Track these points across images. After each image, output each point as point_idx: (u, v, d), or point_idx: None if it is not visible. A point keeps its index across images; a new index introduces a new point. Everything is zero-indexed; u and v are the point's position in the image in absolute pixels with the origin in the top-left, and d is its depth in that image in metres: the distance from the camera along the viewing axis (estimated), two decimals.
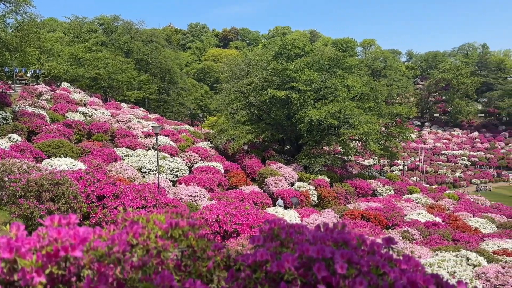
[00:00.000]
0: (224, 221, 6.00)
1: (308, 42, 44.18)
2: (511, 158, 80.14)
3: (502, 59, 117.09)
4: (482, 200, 34.57)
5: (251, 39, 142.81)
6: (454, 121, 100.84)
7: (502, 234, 20.38)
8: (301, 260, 1.45)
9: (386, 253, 1.76)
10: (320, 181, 28.48)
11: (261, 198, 20.31)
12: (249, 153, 32.37)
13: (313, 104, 33.25)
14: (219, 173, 24.53)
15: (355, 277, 1.38)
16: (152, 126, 19.23)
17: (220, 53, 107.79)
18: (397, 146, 40.17)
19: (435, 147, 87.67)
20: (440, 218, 21.98)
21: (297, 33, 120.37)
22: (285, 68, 33.34)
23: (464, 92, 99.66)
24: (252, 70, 39.03)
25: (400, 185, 34.52)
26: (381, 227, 18.57)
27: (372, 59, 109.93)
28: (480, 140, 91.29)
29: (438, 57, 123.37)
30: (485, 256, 12.05)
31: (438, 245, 13.96)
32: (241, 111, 35.52)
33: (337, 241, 1.67)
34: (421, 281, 1.46)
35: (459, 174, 69.26)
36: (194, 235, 1.72)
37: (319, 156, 33.39)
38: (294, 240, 1.68)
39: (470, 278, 8.70)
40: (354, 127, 32.04)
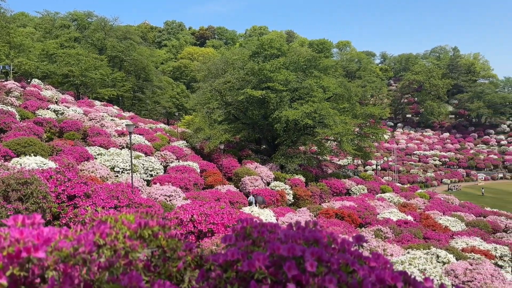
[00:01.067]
0: (199, 221, 5.95)
1: (284, 43, 44.39)
2: (480, 159, 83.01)
3: (472, 62, 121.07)
4: (452, 199, 35.64)
5: (228, 38, 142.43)
6: (426, 122, 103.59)
7: (471, 232, 21.08)
8: (272, 259, 1.45)
9: (356, 251, 1.78)
10: (296, 181, 28.70)
11: (237, 198, 20.28)
12: (225, 152, 32.27)
13: (289, 104, 33.46)
14: (195, 172, 24.35)
15: (325, 275, 1.38)
16: (126, 125, 18.90)
17: (196, 52, 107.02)
18: (370, 146, 40.91)
19: (407, 147, 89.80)
20: (412, 217, 22.51)
21: (274, 33, 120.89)
22: (262, 68, 33.41)
23: (436, 94, 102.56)
24: (229, 69, 38.92)
25: (373, 185, 35.18)
26: (354, 226, 18.87)
27: (347, 61, 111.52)
28: (451, 141, 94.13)
29: (411, 60, 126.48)
30: (454, 253, 12.42)
31: (410, 243, 14.29)
32: (218, 110, 35.38)
33: (308, 240, 1.68)
34: (389, 278, 1.48)
35: (430, 174, 71.17)
36: (164, 235, 1.69)
37: (295, 156, 33.65)
38: (266, 239, 1.68)
39: (440, 275, 8.94)
40: (329, 127, 32.43)
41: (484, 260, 12.26)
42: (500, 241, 19.74)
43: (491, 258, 14.95)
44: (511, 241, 20.89)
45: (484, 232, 22.45)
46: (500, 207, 42.36)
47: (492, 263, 13.84)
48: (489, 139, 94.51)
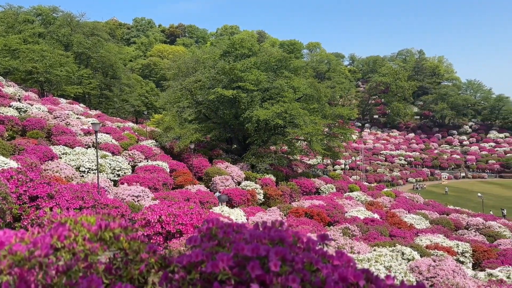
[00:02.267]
0: (167, 222, 5.86)
1: (255, 43, 44.49)
2: (444, 158, 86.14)
3: (436, 65, 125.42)
4: (417, 198, 36.80)
5: (199, 36, 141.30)
6: (392, 123, 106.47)
7: (434, 230, 21.84)
8: (237, 259, 1.44)
9: (320, 250, 1.80)
10: (267, 180, 28.83)
11: (208, 198, 20.15)
12: (196, 152, 31.99)
13: (260, 104, 33.57)
14: (164, 172, 24.00)
15: (289, 274, 1.39)
16: (92, 123, 18.37)
17: (166, 49, 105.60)
18: (339, 146, 41.65)
19: (374, 147, 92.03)
20: (378, 215, 23.06)
21: (245, 33, 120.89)
22: (233, 68, 33.36)
23: (402, 96, 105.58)
24: (199, 68, 38.61)
25: (342, 184, 35.84)
26: (323, 224, 19.16)
27: (317, 62, 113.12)
28: (416, 141, 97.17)
29: (379, 62, 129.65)
30: (418, 250, 12.82)
31: (376, 241, 14.64)
32: (188, 109, 35.02)
33: (273, 239, 1.68)
34: (352, 276, 1.50)
35: (396, 173, 73.21)
36: (126, 237, 1.65)
37: (266, 156, 33.81)
38: (231, 240, 1.67)
39: (405, 272, 9.20)
40: (299, 127, 32.77)
41: (446, 256, 12.72)
42: (462, 238, 20.58)
43: (453, 255, 15.55)
44: (472, 238, 21.82)
45: (447, 229, 23.32)
46: (462, 205, 44.11)
47: (454, 259, 14.40)
48: (452, 140, 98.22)
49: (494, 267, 13.76)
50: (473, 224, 26.69)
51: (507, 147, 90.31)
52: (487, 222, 27.25)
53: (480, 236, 23.15)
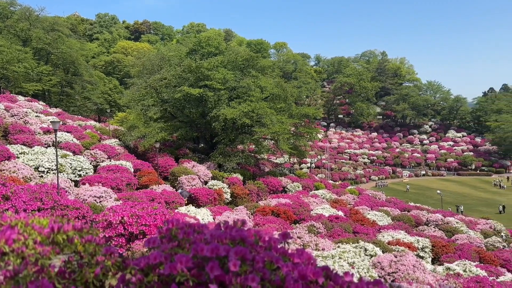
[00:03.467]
0: (130, 223, 5.72)
1: (222, 41, 44.29)
2: (405, 157, 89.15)
3: (398, 66, 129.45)
4: (379, 195, 37.88)
5: (164, 33, 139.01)
6: (356, 122, 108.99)
7: (396, 226, 22.56)
8: (196, 260, 1.42)
9: (282, 248, 1.81)
10: (234, 179, 28.79)
11: (173, 198, 19.87)
12: (161, 151, 31.47)
13: (227, 103, 33.45)
14: (128, 172, 23.45)
15: (248, 274, 1.38)
16: (51, 122, 17.66)
17: (131, 46, 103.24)
18: (305, 145, 42.19)
19: (339, 146, 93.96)
20: (342, 212, 23.56)
21: (212, 31, 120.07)
22: (199, 66, 33.04)
23: (365, 96, 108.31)
24: (165, 66, 37.99)
25: (308, 182, 36.35)
26: (289, 222, 19.35)
27: (284, 62, 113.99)
28: (378, 140, 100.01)
29: (343, 63, 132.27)
30: (380, 246, 13.20)
31: (340, 238, 14.95)
32: (153, 107, 34.37)
33: (235, 239, 1.67)
34: (311, 274, 1.51)
35: (360, 171, 75.05)
36: (81, 239, 1.60)
37: (233, 155, 33.72)
38: (191, 240, 1.64)
39: (367, 268, 9.43)
40: (266, 127, 32.93)
41: (407, 252, 13.16)
42: (422, 234, 21.38)
43: (414, 250, 16.12)
44: (431, 234, 22.71)
45: (408, 225, 24.15)
46: (422, 202, 45.86)
47: (415, 254, 14.92)
48: (413, 139, 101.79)
49: (452, 261, 14.39)
50: (433, 220, 27.78)
51: (464, 146, 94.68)
52: (446, 218, 28.45)
53: (439, 232, 24.13)
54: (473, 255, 17.52)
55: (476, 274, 11.35)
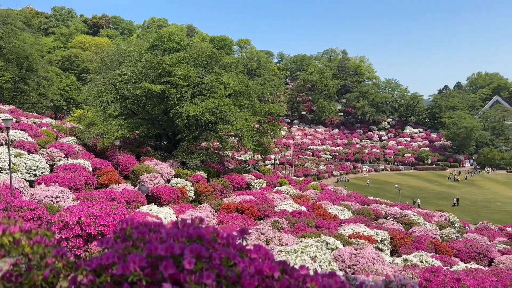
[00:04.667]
0: (87, 223, 5.54)
1: (185, 37, 43.67)
2: (365, 153, 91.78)
3: (358, 64, 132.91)
4: (341, 190, 38.83)
5: (124, 28, 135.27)
6: (318, 119, 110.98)
7: (356, 220, 23.19)
8: (150, 259, 1.40)
9: (239, 245, 1.81)
10: (198, 177, 28.53)
11: (135, 197, 19.42)
12: (122, 149, 30.67)
13: (190, 99, 33.06)
14: (86, 171, 22.69)
15: (204, 271, 1.38)
16: (3, 119, 16.77)
17: (89, 41, 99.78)
18: (269, 142, 42.47)
19: (302, 142, 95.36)
20: (305, 207, 23.94)
21: (174, 26, 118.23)
22: (161, 62, 32.42)
23: (327, 93, 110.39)
24: (125, 61, 36.98)
25: (272, 178, 36.65)
26: (254, 219, 19.45)
27: (248, 59, 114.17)
28: (340, 137, 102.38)
29: (306, 60, 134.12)
30: (341, 240, 13.54)
31: (303, 232, 15.19)
32: (113, 104, 33.38)
33: (191, 237, 1.66)
34: (267, 268, 1.52)
35: (322, 167, 76.55)
36: (29, 241, 1.53)
37: (196, 152, 33.38)
38: (146, 240, 1.62)
39: (329, 261, 9.65)
40: (230, 124, 32.84)
41: (367, 244, 13.57)
42: (381, 227, 22.11)
43: (373, 243, 16.64)
44: (390, 226, 23.54)
45: (368, 219, 24.89)
46: (381, 196, 47.46)
47: (374, 247, 15.41)
48: (372, 135, 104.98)
49: (410, 253, 14.97)
50: (391, 213, 28.80)
51: (421, 142, 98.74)
52: (404, 211, 29.59)
53: (397, 225, 25.05)
54: (429, 246, 18.33)
55: (432, 265, 11.87)
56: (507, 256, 18.10)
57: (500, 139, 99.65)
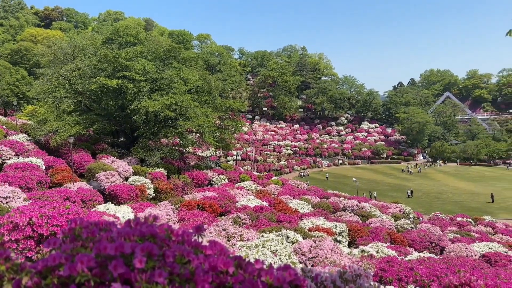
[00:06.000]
0: (39, 224, 5.30)
1: (142, 30, 42.59)
2: (324, 147, 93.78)
3: (317, 61, 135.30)
4: (301, 185, 39.48)
5: (78, 21, 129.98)
6: (279, 115, 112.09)
7: (316, 213, 23.67)
8: (99, 259, 1.36)
9: (195, 241, 1.79)
10: (157, 174, 28.02)
11: (91, 196, 18.78)
12: (76, 146, 29.55)
13: (148, 95, 32.32)
14: (39, 170, 21.66)
15: (157, 269, 1.35)
16: None
17: (40, 34, 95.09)
18: (231, 138, 42.38)
19: (264, 138, 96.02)
20: (267, 202, 24.17)
21: (131, 19, 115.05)
22: (117, 56, 31.42)
23: (288, 90, 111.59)
24: (79, 55, 35.55)
25: (234, 174, 36.66)
26: (215, 215, 19.38)
27: (208, 54, 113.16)
28: (300, 132, 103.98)
29: (266, 56, 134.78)
30: (301, 233, 13.77)
31: (265, 227, 15.32)
32: (67, 99, 32.01)
33: (144, 235, 1.63)
34: (222, 264, 1.52)
35: (284, 162, 77.49)
36: None
37: (156, 149, 32.74)
38: (96, 239, 1.57)
39: (289, 254, 9.79)
40: (191, 120, 32.44)
41: (326, 237, 13.91)
42: (340, 219, 22.70)
43: (332, 235, 17.07)
44: (348, 219, 24.22)
45: (327, 212, 25.48)
46: (340, 189, 48.71)
47: (333, 239, 15.82)
48: (331, 130, 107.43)
49: (366, 244, 15.46)
50: (349, 206, 29.65)
51: (377, 136, 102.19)
52: (361, 203, 30.53)
53: (355, 217, 25.81)
54: (385, 237, 19.03)
55: (387, 255, 12.34)
56: (457, 245, 19.14)
57: (451, 133, 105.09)
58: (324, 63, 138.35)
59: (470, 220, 33.39)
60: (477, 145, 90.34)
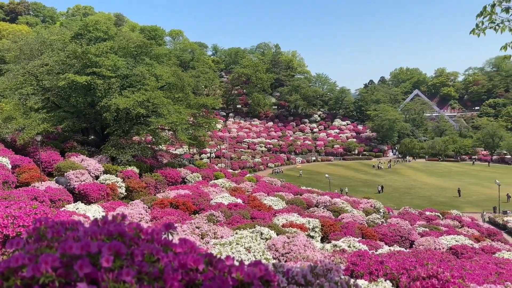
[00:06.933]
0: (5, 224, 5.11)
1: (113, 26, 41.61)
2: (298, 145, 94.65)
3: (290, 59, 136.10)
4: (275, 181, 39.72)
5: (46, 15, 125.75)
6: (253, 112, 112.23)
7: (290, 209, 23.87)
8: (64, 259, 1.33)
9: (165, 239, 1.78)
10: (129, 172, 27.51)
11: (60, 195, 18.25)
12: (44, 144, 28.64)
13: (119, 91, 31.66)
14: (4, 169, 20.86)
15: (125, 268, 1.34)
16: None
17: (6, 28, 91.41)
18: (204, 135, 42.13)
19: (238, 135, 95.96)
20: (241, 200, 24.19)
21: (101, 14, 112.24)
22: (86, 51, 30.60)
23: (261, 87, 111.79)
24: (46, 51, 34.43)
25: (208, 172, 36.46)
26: (189, 213, 19.25)
27: (181, 50, 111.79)
28: (274, 129, 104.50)
29: (240, 54, 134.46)
30: (275, 229, 13.87)
31: (239, 224, 15.34)
32: (34, 96, 30.94)
33: (111, 234, 1.60)
34: (192, 262, 1.52)
35: (258, 159, 77.73)
36: None
37: (127, 147, 32.10)
38: (61, 239, 1.54)
39: (263, 250, 9.84)
40: (163, 117, 32.01)
41: (299, 232, 14.05)
42: (313, 215, 23.00)
43: (305, 230, 17.28)
44: (321, 214, 24.55)
45: (300, 208, 25.74)
46: (313, 185, 49.31)
47: (306, 234, 16.00)
48: (304, 127, 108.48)
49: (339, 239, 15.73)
50: (322, 202, 30.07)
51: (349, 133, 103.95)
52: (333, 199, 31.02)
53: (328, 212, 26.18)
54: (356, 231, 19.42)
55: (359, 249, 12.59)
56: (425, 238, 19.77)
57: (420, 130, 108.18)
58: (298, 60, 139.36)
59: (438, 214, 34.56)
60: (444, 142, 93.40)
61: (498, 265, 12.73)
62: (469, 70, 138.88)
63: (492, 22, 6.23)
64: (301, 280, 2.16)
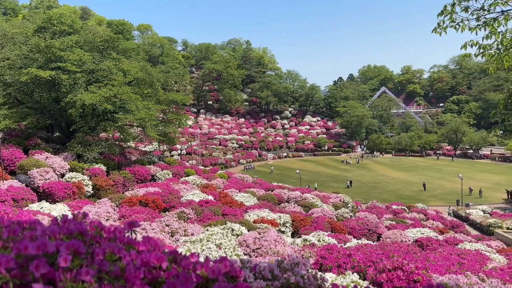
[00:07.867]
0: None
1: (78, 19, 40.26)
2: (269, 141, 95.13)
3: (261, 55, 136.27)
4: (247, 178, 39.79)
5: (7, 7, 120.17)
6: (225, 109, 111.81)
7: (261, 205, 23.99)
8: (20, 259, 1.28)
9: (128, 238, 1.75)
10: (96, 170, 26.82)
11: (23, 194, 17.58)
12: (6, 142, 27.50)
13: (85, 87, 30.74)
14: None
15: (84, 268, 1.31)
16: None
17: None
18: (175, 131, 41.62)
19: (209, 132, 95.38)
20: (212, 196, 24.10)
21: (66, 7, 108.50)
22: (50, 45, 29.51)
23: (233, 83, 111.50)
24: (8, 45, 32.98)
25: (178, 169, 36.07)
26: (159, 211, 19.00)
27: (149, 45, 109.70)
28: (246, 126, 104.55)
29: (210, 49, 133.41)
30: (246, 225, 13.90)
31: (210, 221, 15.27)
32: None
33: (72, 233, 1.56)
34: (155, 260, 1.50)
35: (230, 156, 77.59)
36: None
37: (94, 144, 31.23)
38: (18, 239, 1.48)
39: (234, 247, 9.85)
40: (131, 113, 31.36)
41: (270, 228, 14.14)
42: (284, 210, 23.20)
43: (276, 226, 17.42)
44: (292, 210, 24.80)
45: (271, 204, 25.92)
46: (284, 181, 49.75)
47: (277, 230, 16.13)
48: (276, 124, 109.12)
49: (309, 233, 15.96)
50: (293, 197, 30.39)
51: (319, 129, 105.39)
52: (304, 194, 31.40)
53: (298, 207, 26.48)
54: (326, 226, 19.75)
55: (328, 243, 12.81)
56: (392, 231, 20.35)
57: (387, 126, 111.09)
58: (268, 57, 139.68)
59: (405, 207, 35.65)
60: (410, 137, 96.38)
61: (460, 255, 13.28)
62: (434, 68, 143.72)
63: (453, 21, 6.46)
64: (268, 275, 2.17)
